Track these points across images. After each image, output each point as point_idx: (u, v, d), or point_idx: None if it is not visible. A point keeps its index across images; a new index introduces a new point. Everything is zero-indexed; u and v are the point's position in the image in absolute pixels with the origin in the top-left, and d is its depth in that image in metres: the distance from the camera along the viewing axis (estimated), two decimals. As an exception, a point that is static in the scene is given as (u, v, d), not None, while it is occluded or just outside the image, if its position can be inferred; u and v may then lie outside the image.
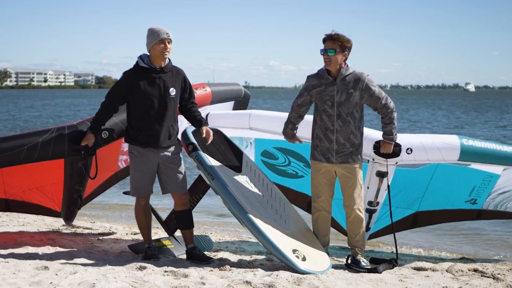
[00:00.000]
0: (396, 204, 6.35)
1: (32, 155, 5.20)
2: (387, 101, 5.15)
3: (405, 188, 6.28)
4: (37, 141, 5.20)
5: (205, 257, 5.36)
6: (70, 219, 6.22)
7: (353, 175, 5.16)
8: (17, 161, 5.21)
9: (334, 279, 4.76)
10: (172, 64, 5.28)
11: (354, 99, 5.07)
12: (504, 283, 4.90)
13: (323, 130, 5.15)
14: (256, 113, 6.12)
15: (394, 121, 5.23)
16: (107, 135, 5.42)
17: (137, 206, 5.37)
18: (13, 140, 5.23)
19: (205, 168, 5.16)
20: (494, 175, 6.00)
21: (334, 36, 5.07)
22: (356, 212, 5.20)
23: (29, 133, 5.33)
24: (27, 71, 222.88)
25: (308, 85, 5.23)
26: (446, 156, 5.58)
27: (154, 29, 5.16)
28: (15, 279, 4.48)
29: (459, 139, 5.63)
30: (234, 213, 5.07)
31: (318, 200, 5.28)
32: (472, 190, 6.15)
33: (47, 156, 5.25)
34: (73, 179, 5.60)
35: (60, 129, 5.29)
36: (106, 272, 4.73)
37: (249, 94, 6.88)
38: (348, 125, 5.10)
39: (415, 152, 5.53)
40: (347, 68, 5.11)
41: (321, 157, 5.21)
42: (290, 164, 6.53)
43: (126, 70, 5.26)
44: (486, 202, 6.19)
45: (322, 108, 5.15)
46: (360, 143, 5.18)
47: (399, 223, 6.43)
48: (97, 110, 5.28)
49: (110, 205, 10.35)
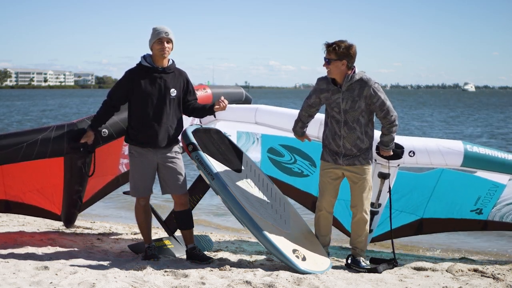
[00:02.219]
0: (401, 208, 6.33)
1: (31, 152, 5.19)
2: (388, 115, 5.08)
3: (409, 192, 6.26)
4: (36, 138, 5.20)
5: (205, 257, 5.36)
6: (70, 222, 6.19)
7: (362, 175, 5.14)
8: (16, 158, 5.21)
9: (334, 279, 4.76)
10: (176, 66, 5.28)
11: (359, 107, 5.04)
12: (504, 283, 4.90)
13: (332, 134, 5.16)
14: (263, 108, 6.13)
15: (393, 134, 5.18)
16: (107, 134, 5.42)
17: (137, 206, 5.37)
18: (12, 137, 5.24)
19: (205, 168, 5.16)
20: (500, 185, 5.96)
21: (330, 45, 5.02)
22: (362, 214, 5.19)
23: (28, 130, 5.34)
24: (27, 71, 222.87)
25: (317, 88, 5.21)
26: (449, 161, 5.55)
27: (155, 28, 5.19)
28: (15, 279, 4.48)
29: (463, 145, 5.60)
30: (234, 213, 5.07)
31: (322, 200, 5.29)
32: (478, 199, 6.10)
33: (46, 153, 5.24)
34: (73, 179, 5.59)
35: (59, 127, 5.29)
36: (106, 272, 4.73)
37: (251, 98, 6.87)
38: (354, 131, 5.08)
39: (418, 155, 5.52)
40: (353, 75, 5.04)
41: (329, 158, 5.21)
42: (296, 163, 6.52)
43: (128, 69, 5.28)
44: (491, 212, 6.14)
45: (331, 113, 5.15)
46: (368, 147, 5.15)
47: (404, 228, 6.42)
48: (99, 108, 5.29)
49: (110, 205, 10.35)
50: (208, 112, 5.42)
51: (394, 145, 5.29)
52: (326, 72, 5.11)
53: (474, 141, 21.41)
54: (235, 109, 6.22)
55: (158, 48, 5.14)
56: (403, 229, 6.42)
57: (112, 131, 5.47)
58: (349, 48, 5.00)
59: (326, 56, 5.04)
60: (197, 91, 5.79)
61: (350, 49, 5.00)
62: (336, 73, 5.05)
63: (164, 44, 5.14)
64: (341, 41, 5.02)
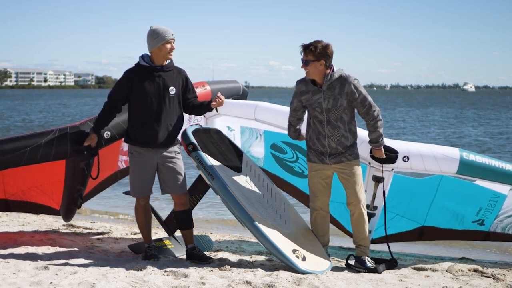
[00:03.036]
0: (401, 213, 6.30)
1: (35, 156, 5.20)
2: (370, 110, 5.08)
3: (409, 197, 6.22)
4: (40, 142, 5.20)
5: (205, 257, 5.35)
6: (68, 217, 6.21)
7: (351, 171, 5.15)
8: (19, 162, 5.22)
9: (334, 279, 4.76)
10: (174, 64, 5.28)
11: (341, 105, 5.05)
12: (504, 283, 4.90)
13: (316, 134, 5.16)
14: (262, 104, 6.12)
15: (379, 129, 5.17)
16: (109, 136, 5.43)
17: (137, 206, 5.36)
18: (16, 142, 5.24)
19: (205, 168, 5.15)
20: (501, 195, 5.90)
21: (306, 46, 5.03)
22: (359, 209, 5.19)
23: (31, 134, 5.34)
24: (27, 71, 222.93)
25: (297, 91, 5.22)
26: (444, 168, 5.52)
27: (159, 30, 5.15)
28: (15, 279, 4.48)
29: (459, 152, 5.57)
30: (234, 213, 5.06)
31: (315, 200, 5.29)
32: (479, 211, 6.05)
33: (49, 157, 5.25)
34: (75, 180, 5.60)
35: (62, 130, 5.30)
36: (106, 272, 4.73)
37: (247, 91, 6.91)
38: (338, 130, 5.09)
39: (412, 160, 5.50)
40: (333, 73, 5.05)
41: (315, 158, 5.22)
42: (298, 161, 6.51)
43: (127, 69, 5.28)
44: (493, 224, 6.09)
45: (313, 114, 5.15)
46: (353, 143, 5.17)
47: (405, 234, 6.41)
48: (100, 110, 5.29)
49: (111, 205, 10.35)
50: (206, 109, 5.42)
51: (383, 142, 5.27)
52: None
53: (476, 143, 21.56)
54: (235, 105, 6.22)
55: (168, 49, 5.14)
56: (404, 235, 6.40)
57: (115, 133, 5.48)
58: (326, 48, 5.01)
59: (303, 58, 5.04)
60: (196, 88, 5.80)
61: (327, 48, 5.02)
62: (315, 73, 5.05)
63: (172, 45, 5.16)
64: (317, 41, 5.03)
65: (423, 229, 6.37)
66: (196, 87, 5.90)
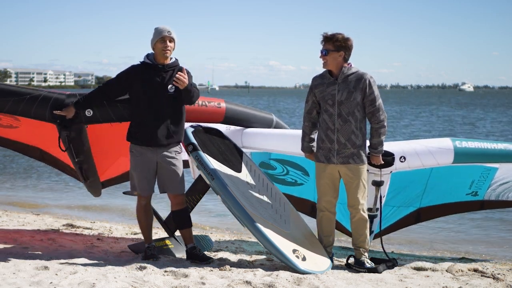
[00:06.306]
0: (398, 204, 6.35)
1: (16, 108, 5.28)
2: (377, 112, 5.07)
3: (404, 188, 6.27)
4: (24, 97, 5.27)
5: (205, 257, 5.35)
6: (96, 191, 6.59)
7: (356, 175, 5.12)
8: (2, 109, 5.30)
9: (334, 279, 4.76)
10: (178, 64, 5.29)
11: (355, 99, 5.05)
12: (504, 283, 4.90)
13: (324, 130, 5.14)
14: (248, 131, 6.00)
15: (382, 136, 5.15)
16: (91, 114, 5.36)
17: (138, 206, 5.37)
18: (3, 90, 5.32)
19: (205, 168, 5.16)
20: (492, 168, 6.00)
21: (329, 36, 5.05)
22: (360, 213, 5.18)
23: (22, 88, 5.42)
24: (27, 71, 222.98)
25: (312, 85, 5.23)
26: (440, 160, 5.56)
27: (158, 27, 5.23)
28: (15, 279, 4.48)
29: (451, 142, 5.61)
30: (234, 213, 5.06)
31: (322, 201, 5.27)
32: (472, 183, 6.16)
33: (30, 114, 5.30)
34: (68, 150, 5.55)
35: (49, 93, 5.35)
36: (106, 272, 4.73)
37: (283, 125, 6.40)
38: (349, 124, 5.07)
39: (409, 159, 5.51)
40: (350, 67, 5.08)
41: (323, 158, 5.19)
42: (289, 173, 6.53)
43: (132, 64, 5.33)
44: (487, 193, 6.20)
45: (324, 107, 5.13)
46: (362, 144, 5.13)
47: (403, 220, 6.49)
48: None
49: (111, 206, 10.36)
50: (185, 93, 5.20)
51: (383, 150, 5.25)
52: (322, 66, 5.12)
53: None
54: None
55: (160, 46, 5.16)
56: (402, 220, 6.49)
57: (98, 115, 5.37)
58: (346, 40, 5.05)
59: (323, 47, 5.06)
60: (209, 103, 5.78)
61: (347, 41, 5.05)
62: (332, 64, 5.06)
63: (167, 42, 5.16)
64: (338, 33, 5.06)
65: (419, 211, 6.48)
66: (210, 101, 5.84)
